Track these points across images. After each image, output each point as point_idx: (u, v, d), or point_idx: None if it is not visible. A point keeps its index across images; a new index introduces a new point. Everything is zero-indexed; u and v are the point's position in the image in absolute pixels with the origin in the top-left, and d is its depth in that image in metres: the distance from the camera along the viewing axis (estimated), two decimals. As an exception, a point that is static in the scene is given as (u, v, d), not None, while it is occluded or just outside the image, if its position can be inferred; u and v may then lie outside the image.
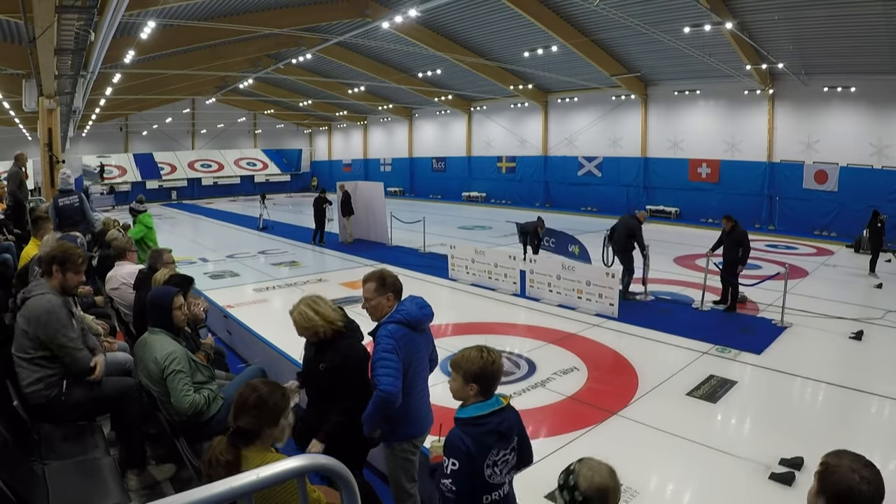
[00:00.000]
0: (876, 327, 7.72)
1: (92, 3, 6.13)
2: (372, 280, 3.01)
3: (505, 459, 2.29)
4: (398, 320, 2.88)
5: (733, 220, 8.70)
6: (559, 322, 8.03)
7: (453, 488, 2.16)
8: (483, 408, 2.25)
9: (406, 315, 2.90)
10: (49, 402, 3.26)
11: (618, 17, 13.84)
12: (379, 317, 2.96)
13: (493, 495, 2.27)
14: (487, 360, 2.26)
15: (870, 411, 5.34)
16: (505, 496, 2.33)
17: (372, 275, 3.06)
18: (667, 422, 4.94)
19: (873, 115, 15.86)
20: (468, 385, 2.27)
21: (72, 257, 3.48)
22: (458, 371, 2.28)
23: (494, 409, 2.26)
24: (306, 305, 2.98)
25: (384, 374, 2.73)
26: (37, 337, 3.23)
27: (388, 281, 3.01)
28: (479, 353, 2.29)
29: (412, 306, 2.95)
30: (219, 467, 2.00)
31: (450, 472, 2.16)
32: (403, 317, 2.89)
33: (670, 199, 20.67)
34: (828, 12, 12.92)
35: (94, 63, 10.74)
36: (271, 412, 2.11)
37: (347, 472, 1.49)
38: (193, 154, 35.27)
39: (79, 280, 3.58)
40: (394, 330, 2.84)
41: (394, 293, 3.00)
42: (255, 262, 13.00)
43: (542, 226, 11.51)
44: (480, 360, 2.25)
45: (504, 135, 26.98)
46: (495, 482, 2.26)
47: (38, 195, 14.73)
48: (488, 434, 2.23)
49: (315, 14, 17.32)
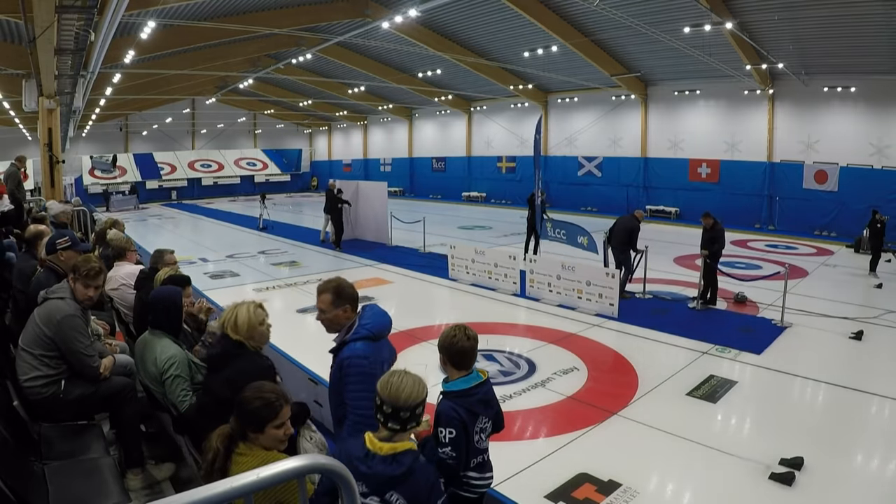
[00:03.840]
0: (876, 327, 7.72)
1: (92, 3, 6.13)
2: (327, 291, 2.78)
3: (486, 426, 2.54)
4: (365, 336, 2.68)
5: (712, 217, 8.87)
6: (559, 322, 8.03)
7: (453, 454, 2.37)
8: (469, 381, 2.49)
9: (371, 329, 2.71)
10: (47, 399, 3.27)
11: (618, 17, 13.84)
12: (335, 330, 2.78)
13: (479, 458, 2.52)
14: (457, 336, 2.49)
15: (870, 411, 5.33)
16: (487, 459, 2.59)
17: (327, 285, 2.81)
18: (667, 422, 4.94)
19: (873, 115, 15.86)
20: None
21: (81, 269, 3.45)
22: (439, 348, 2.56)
23: (479, 382, 2.50)
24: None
25: (366, 397, 2.44)
26: (51, 339, 3.24)
27: (344, 292, 2.79)
28: (452, 330, 2.52)
29: (374, 318, 2.75)
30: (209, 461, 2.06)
31: (448, 441, 2.37)
32: (369, 331, 2.70)
33: (670, 199, 20.67)
34: (828, 12, 12.92)
35: (94, 63, 10.74)
36: (253, 416, 2.10)
37: (347, 472, 1.49)
38: (193, 154, 35.25)
39: (87, 294, 3.46)
40: (364, 349, 2.66)
41: (351, 304, 2.79)
42: (255, 262, 13.00)
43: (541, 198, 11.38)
44: (451, 337, 2.51)
45: (504, 135, 26.98)
46: (481, 447, 2.52)
47: (38, 195, 14.74)
48: (477, 403, 2.47)
49: (315, 14, 17.31)
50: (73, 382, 3.36)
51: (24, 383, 3.24)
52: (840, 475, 4.17)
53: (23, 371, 3.26)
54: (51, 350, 3.26)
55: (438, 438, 2.39)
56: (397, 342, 6.89)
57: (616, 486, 3.94)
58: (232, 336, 2.85)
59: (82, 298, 3.45)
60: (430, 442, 2.44)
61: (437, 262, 12.06)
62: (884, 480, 4.19)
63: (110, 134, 32.48)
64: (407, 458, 2.01)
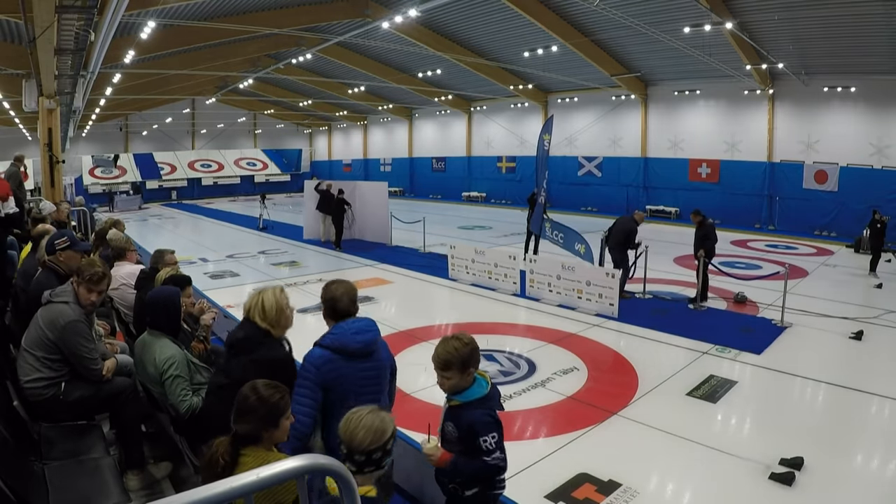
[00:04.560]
0: (876, 327, 7.71)
1: (92, 3, 6.13)
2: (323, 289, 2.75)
3: None
4: (326, 344, 2.57)
5: (701, 214, 8.98)
6: (559, 322, 8.03)
7: (502, 455, 2.37)
8: (483, 384, 2.46)
9: (334, 340, 2.57)
10: (47, 400, 3.27)
11: (618, 17, 13.85)
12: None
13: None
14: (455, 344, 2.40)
15: (870, 411, 5.33)
16: None
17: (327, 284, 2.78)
18: (667, 422, 4.93)
19: (873, 115, 15.86)
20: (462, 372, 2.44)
21: (85, 273, 3.43)
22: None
23: (490, 384, 2.49)
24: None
25: (298, 402, 2.43)
26: (54, 343, 3.23)
27: (325, 296, 2.70)
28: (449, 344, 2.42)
29: (345, 331, 2.60)
30: (216, 468, 1.98)
31: (495, 445, 2.34)
32: (331, 342, 2.57)
33: (670, 199, 20.67)
34: (828, 12, 12.93)
35: (94, 63, 10.74)
36: (271, 414, 2.09)
37: (347, 472, 1.49)
38: (193, 154, 35.26)
39: (90, 299, 3.44)
40: (316, 356, 2.54)
41: (332, 314, 2.67)
42: (255, 262, 13.00)
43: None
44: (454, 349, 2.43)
45: (504, 135, 26.98)
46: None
47: (38, 195, 14.75)
48: (497, 403, 2.49)
49: (315, 14, 17.32)
50: (74, 384, 3.35)
51: (24, 384, 3.24)
52: (840, 475, 4.17)
53: (24, 372, 3.25)
54: (53, 353, 3.25)
55: (483, 447, 2.34)
56: (397, 342, 6.93)
57: (616, 486, 3.94)
58: (260, 324, 2.71)
59: (85, 302, 3.45)
60: (460, 459, 2.38)
61: (437, 262, 12.06)
62: (884, 480, 4.19)
63: (110, 134, 32.49)
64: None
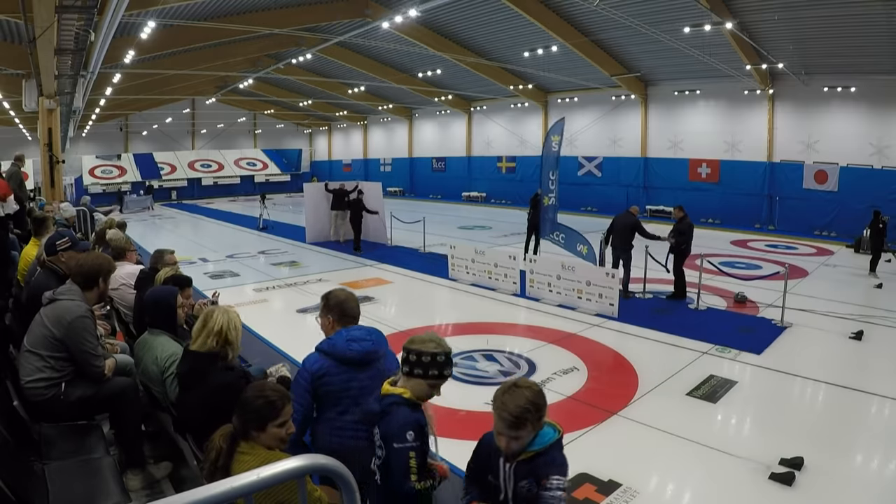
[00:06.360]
0: (876, 327, 7.71)
1: (92, 3, 6.14)
2: (322, 298, 2.78)
3: None
4: (322, 349, 2.59)
5: (684, 211, 9.29)
6: (559, 322, 8.03)
7: (564, 497, 2.18)
8: (556, 429, 2.22)
9: (329, 346, 2.58)
10: (47, 400, 3.26)
11: (618, 17, 13.85)
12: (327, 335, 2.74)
13: None
14: (520, 395, 2.13)
15: (870, 411, 5.33)
16: None
17: (327, 294, 2.80)
18: (667, 422, 4.93)
19: (873, 115, 15.86)
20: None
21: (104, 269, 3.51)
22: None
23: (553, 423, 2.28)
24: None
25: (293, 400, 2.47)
26: (60, 341, 3.23)
27: (330, 301, 2.72)
28: (509, 394, 2.17)
29: (341, 337, 2.61)
30: (211, 455, 2.08)
31: (564, 487, 2.15)
32: (326, 347, 2.58)
33: (670, 199, 20.59)
34: (828, 12, 12.92)
35: (94, 63, 10.75)
36: (255, 415, 2.12)
37: (347, 472, 1.49)
38: (193, 154, 35.27)
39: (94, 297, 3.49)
40: (311, 361, 2.56)
41: (337, 317, 2.68)
42: (255, 262, 13.00)
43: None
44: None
45: (504, 135, 26.98)
46: None
47: (38, 195, 14.75)
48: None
49: (315, 14, 17.32)
50: (74, 384, 3.34)
51: (25, 384, 3.23)
52: (840, 475, 4.17)
53: (26, 372, 3.24)
54: (58, 351, 3.24)
55: (554, 485, 2.12)
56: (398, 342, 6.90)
57: (616, 486, 3.94)
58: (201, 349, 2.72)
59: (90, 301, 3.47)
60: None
61: (437, 262, 12.05)
62: (884, 480, 4.19)
63: (110, 134, 32.50)
64: (387, 400, 2.20)
